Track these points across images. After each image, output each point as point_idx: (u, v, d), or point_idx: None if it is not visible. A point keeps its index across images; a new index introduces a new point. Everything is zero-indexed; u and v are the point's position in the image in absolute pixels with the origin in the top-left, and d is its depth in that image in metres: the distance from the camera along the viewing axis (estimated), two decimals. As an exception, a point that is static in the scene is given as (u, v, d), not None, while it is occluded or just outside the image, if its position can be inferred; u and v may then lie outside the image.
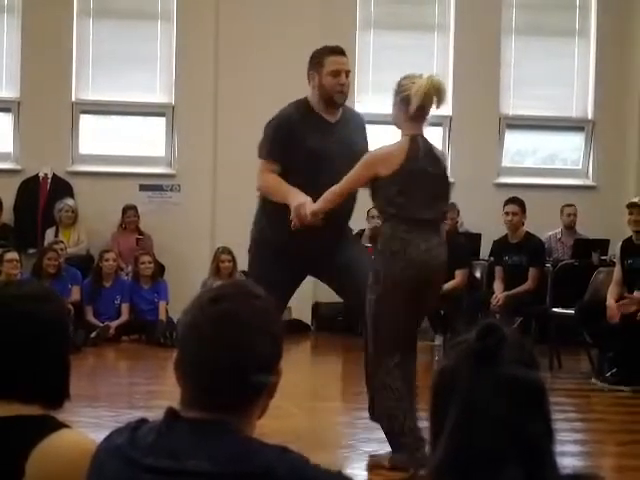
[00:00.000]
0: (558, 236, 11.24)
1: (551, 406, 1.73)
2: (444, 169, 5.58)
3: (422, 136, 5.49)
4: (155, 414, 1.99)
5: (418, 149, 5.40)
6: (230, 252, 10.50)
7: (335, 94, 5.80)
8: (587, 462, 5.97)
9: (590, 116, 12.31)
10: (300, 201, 5.47)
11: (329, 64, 5.80)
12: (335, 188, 5.40)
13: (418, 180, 5.31)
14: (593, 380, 8.34)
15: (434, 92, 5.38)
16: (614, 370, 8.18)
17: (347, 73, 5.88)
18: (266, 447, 1.89)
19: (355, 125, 6.01)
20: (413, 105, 5.33)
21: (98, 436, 2.07)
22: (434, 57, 12.13)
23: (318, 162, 5.62)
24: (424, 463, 4.59)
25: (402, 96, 5.44)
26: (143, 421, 1.99)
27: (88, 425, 5.82)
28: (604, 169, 12.22)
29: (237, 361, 1.90)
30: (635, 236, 8.60)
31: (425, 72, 5.65)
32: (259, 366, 1.93)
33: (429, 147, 5.51)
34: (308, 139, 5.69)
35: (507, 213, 9.36)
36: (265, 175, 5.84)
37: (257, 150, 5.95)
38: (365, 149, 5.78)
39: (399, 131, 5.59)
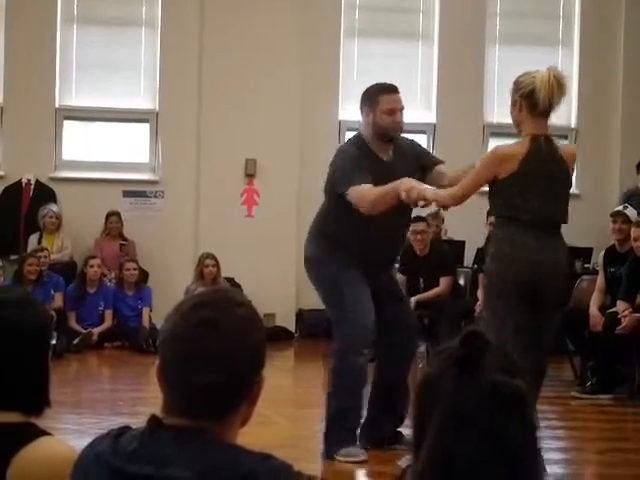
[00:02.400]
0: (541, 244, 11.24)
1: (534, 413, 1.73)
2: (567, 170, 5.42)
3: (546, 135, 5.35)
4: (138, 421, 1.98)
5: (540, 149, 5.25)
6: (214, 258, 10.49)
7: (391, 131, 5.84)
8: (568, 470, 5.99)
9: (573, 125, 12.36)
10: (409, 184, 5.36)
11: (384, 102, 5.86)
12: (455, 190, 5.33)
13: (538, 181, 5.19)
14: (575, 388, 8.36)
15: (557, 84, 5.29)
16: (595, 379, 8.20)
17: (402, 110, 5.96)
18: (248, 454, 1.89)
19: (409, 154, 6.01)
20: (541, 98, 5.23)
21: (81, 443, 2.06)
22: (418, 65, 12.16)
23: None
24: None
25: (524, 92, 5.33)
26: (126, 428, 1.98)
27: (71, 432, 5.81)
28: (588, 178, 12.25)
29: (218, 369, 1.90)
30: (618, 244, 8.62)
31: (410, 80, 5.60)
32: (241, 374, 1.93)
33: (553, 147, 5.36)
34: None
35: (491, 223, 9.36)
36: (362, 192, 5.58)
37: (333, 188, 5.76)
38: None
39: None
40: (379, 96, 5.89)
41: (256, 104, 11.20)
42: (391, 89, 5.96)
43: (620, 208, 8.91)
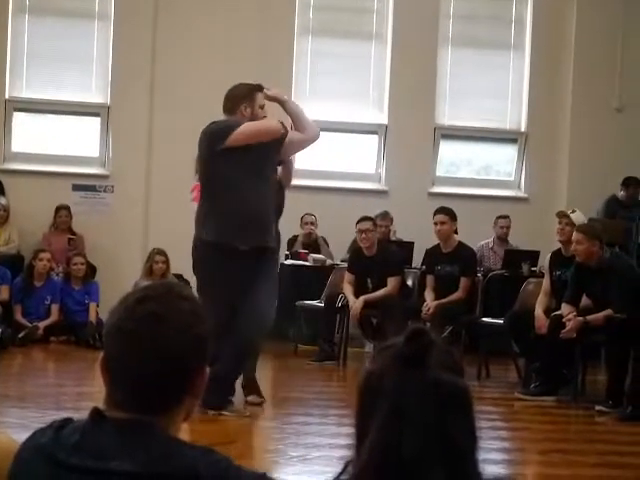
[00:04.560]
0: (490, 245, 11.35)
1: (475, 412, 1.75)
2: None
3: None
4: (82, 415, 1.97)
5: None
6: (164, 254, 10.46)
7: None
8: (510, 470, 6.04)
9: (523, 128, 12.47)
10: None
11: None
12: None
13: None
14: (519, 390, 8.44)
15: None
16: (539, 381, 8.28)
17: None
18: (190, 448, 1.89)
19: None
20: None
21: (24, 437, 2.05)
22: (371, 66, 12.20)
23: None
24: None
25: None
26: (68, 421, 1.97)
27: (14, 426, 5.76)
28: (536, 181, 12.37)
29: (161, 362, 1.90)
30: (564, 248, 8.71)
31: (363, 80, 5.83)
32: (184, 367, 1.93)
33: None
34: None
35: (436, 223, 9.44)
36: None
37: None
38: None
39: (338, 135, 5.85)
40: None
41: (208, 100, 11.15)
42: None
43: (567, 210, 9.01)
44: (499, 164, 12.85)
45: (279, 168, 6.82)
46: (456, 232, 9.60)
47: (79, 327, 10.32)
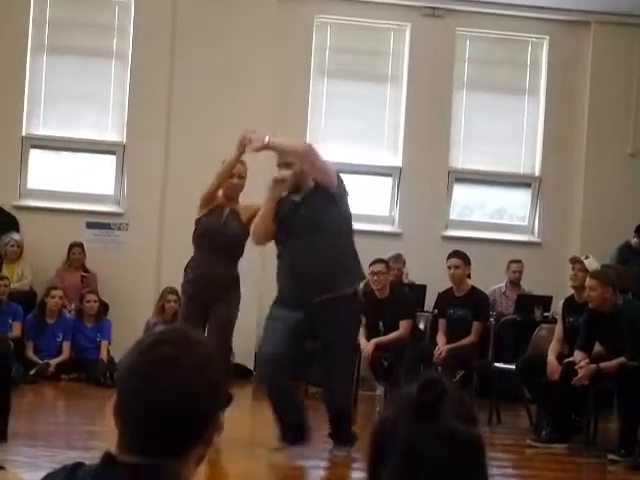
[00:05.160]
0: (502, 290, 11.32)
1: (488, 461, 1.75)
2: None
3: None
4: (93, 455, 1.97)
5: None
6: (177, 292, 10.44)
7: None
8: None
9: (537, 173, 12.48)
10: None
11: None
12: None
13: None
14: (531, 436, 8.38)
15: None
16: (550, 428, 8.23)
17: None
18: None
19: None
20: None
21: (34, 476, 2.05)
22: (386, 108, 12.25)
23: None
24: None
25: None
26: (79, 465, 1.96)
27: (24, 465, 5.74)
28: (550, 226, 12.36)
29: (175, 407, 1.89)
30: (577, 294, 8.68)
31: (378, 122, 5.95)
32: (197, 413, 1.92)
33: None
34: None
35: (449, 267, 9.43)
36: None
37: None
38: None
39: (352, 177, 6.05)
40: None
41: (223, 141, 11.20)
42: None
43: (580, 255, 9.00)
44: (513, 208, 12.85)
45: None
46: (469, 276, 9.59)
47: (90, 365, 10.31)
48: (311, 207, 6.64)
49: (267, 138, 6.59)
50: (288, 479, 6.66)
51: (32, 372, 9.97)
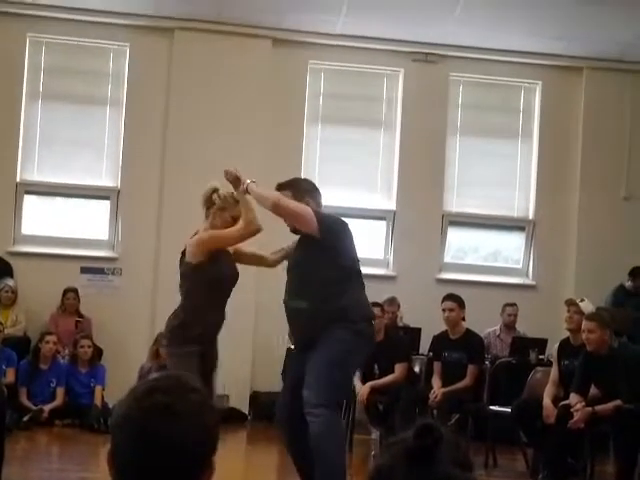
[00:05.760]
0: (497, 333, 11.32)
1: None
2: None
3: None
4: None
5: None
6: (170, 338, 10.41)
7: None
8: None
9: (531, 216, 12.51)
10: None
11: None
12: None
13: None
14: (528, 480, 8.35)
15: None
16: (547, 471, 8.19)
17: None
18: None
19: None
20: None
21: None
22: (380, 153, 12.30)
23: None
24: None
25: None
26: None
27: (17, 512, 5.70)
28: (544, 269, 12.38)
29: (169, 454, 1.89)
30: (572, 336, 8.68)
31: (371, 167, 5.85)
32: (192, 460, 1.92)
33: None
34: None
35: (444, 310, 9.43)
36: None
37: None
38: None
39: (346, 221, 5.93)
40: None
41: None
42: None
43: (576, 298, 9.00)
44: (507, 251, 12.87)
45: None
46: (464, 319, 9.59)
47: (84, 410, 10.26)
48: (297, 254, 6.40)
49: (246, 183, 6.39)
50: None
51: (26, 418, 9.92)
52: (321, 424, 5.91)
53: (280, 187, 6.42)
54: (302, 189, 6.43)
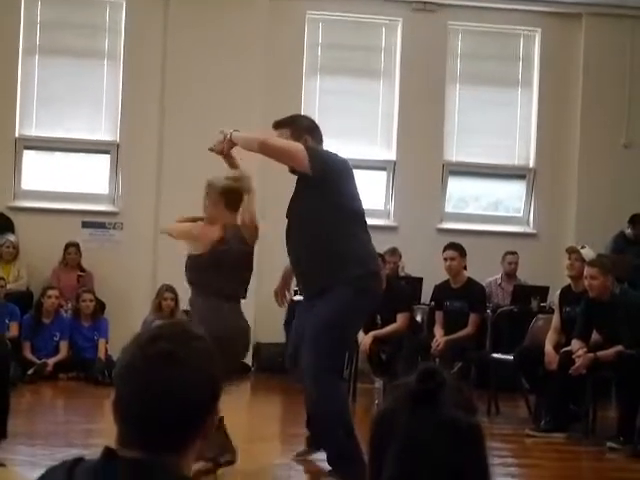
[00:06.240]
0: (498, 282, 11.34)
1: (488, 449, 1.75)
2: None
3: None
4: (92, 452, 1.98)
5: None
6: (173, 290, 10.44)
7: None
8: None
9: (532, 164, 12.49)
10: None
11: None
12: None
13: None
14: (530, 426, 8.40)
15: None
16: (549, 418, 8.25)
17: None
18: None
19: None
20: None
21: (33, 475, 2.05)
22: (379, 103, 12.25)
23: None
24: None
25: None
26: (79, 460, 1.97)
27: (24, 463, 5.75)
28: (545, 217, 12.38)
29: (173, 401, 1.90)
30: (573, 284, 8.70)
31: (371, 118, 5.73)
32: (197, 406, 1.93)
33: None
34: None
35: (446, 259, 9.45)
36: None
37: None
38: None
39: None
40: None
41: (216, 138, 11.20)
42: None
43: (576, 245, 9.02)
44: (507, 200, 12.86)
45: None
46: (465, 268, 9.61)
47: (88, 364, 10.31)
48: (295, 197, 6.17)
49: (229, 133, 6.11)
50: (284, 475, 6.66)
51: (30, 372, 9.97)
52: (320, 391, 5.83)
53: (278, 125, 6.20)
54: (301, 126, 6.21)
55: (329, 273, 5.89)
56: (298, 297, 7.24)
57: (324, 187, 5.92)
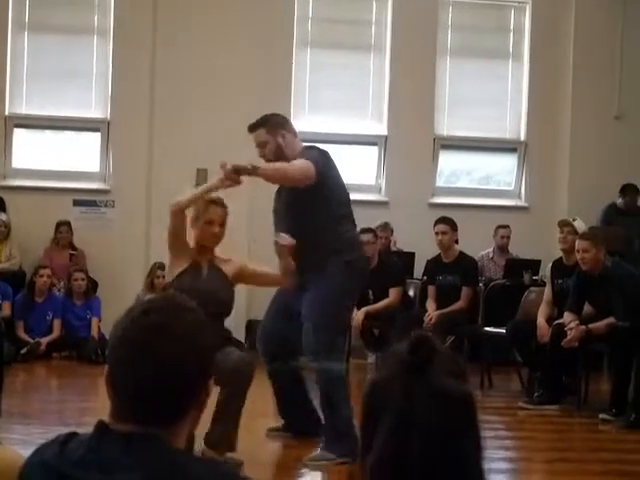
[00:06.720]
0: (490, 255, 11.35)
1: (480, 418, 1.76)
2: None
3: None
4: (86, 431, 1.97)
5: None
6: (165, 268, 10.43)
7: None
8: (515, 479, 6.04)
9: (523, 138, 12.47)
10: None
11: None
12: None
13: None
14: (523, 399, 8.43)
15: None
16: (542, 390, 8.28)
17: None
18: (196, 460, 1.89)
19: None
20: None
21: (27, 453, 2.05)
22: (370, 77, 12.21)
23: None
24: None
25: None
26: (72, 435, 1.97)
27: (18, 442, 5.76)
28: (536, 190, 12.38)
29: (165, 374, 1.90)
30: (565, 257, 8.71)
31: (362, 92, 5.75)
32: (189, 379, 1.93)
33: None
34: None
35: (437, 233, 9.45)
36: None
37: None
38: None
39: (337, 147, 5.78)
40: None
41: (208, 114, 11.19)
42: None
43: (569, 218, 9.03)
44: (499, 174, 12.85)
45: None
46: (457, 242, 9.61)
47: (81, 343, 10.32)
48: (285, 195, 6.32)
49: (252, 166, 5.90)
50: (280, 452, 6.68)
51: (23, 351, 9.98)
52: (325, 375, 6.06)
53: (252, 128, 6.31)
54: (275, 123, 6.34)
55: (320, 260, 6.08)
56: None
57: (317, 187, 6.14)
